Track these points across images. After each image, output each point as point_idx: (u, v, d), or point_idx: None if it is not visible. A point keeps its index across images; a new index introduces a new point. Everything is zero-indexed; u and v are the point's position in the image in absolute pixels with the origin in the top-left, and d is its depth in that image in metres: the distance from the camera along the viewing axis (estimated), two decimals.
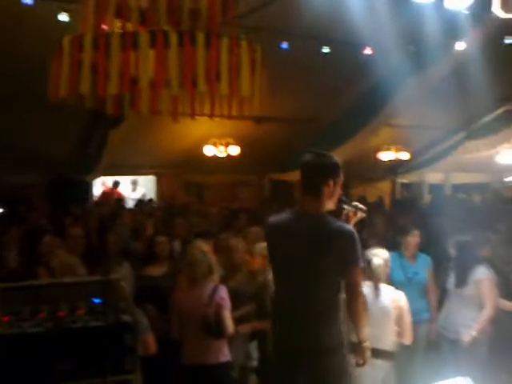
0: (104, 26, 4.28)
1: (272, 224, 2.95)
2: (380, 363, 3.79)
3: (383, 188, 13.71)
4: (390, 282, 4.68)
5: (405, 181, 14.30)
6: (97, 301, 2.96)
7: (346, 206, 2.90)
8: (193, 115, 5.50)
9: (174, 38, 3.94)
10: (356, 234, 2.70)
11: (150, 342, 3.58)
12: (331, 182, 2.77)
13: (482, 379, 4.01)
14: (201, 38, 3.98)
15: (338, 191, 2.84)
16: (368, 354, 2.84)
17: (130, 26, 4.25)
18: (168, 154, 10.11)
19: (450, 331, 4.51)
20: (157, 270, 4.70)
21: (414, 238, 4.77)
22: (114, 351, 2.43)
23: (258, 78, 4.43)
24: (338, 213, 2.90)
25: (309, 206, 2.79)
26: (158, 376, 3.89)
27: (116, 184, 11.43)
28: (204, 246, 4.19)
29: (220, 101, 5.02)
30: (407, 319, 3.81)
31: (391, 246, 5.05)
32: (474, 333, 4.33)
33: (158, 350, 3.67)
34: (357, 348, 2.82)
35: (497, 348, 4.55)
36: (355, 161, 11.10)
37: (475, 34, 6.39)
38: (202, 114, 6.55)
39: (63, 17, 5.85)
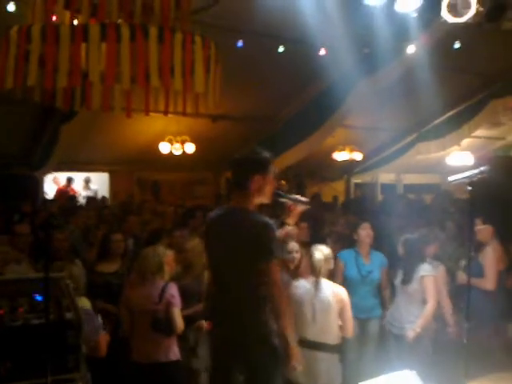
0: (54, 17, 4.17)
1: (207, 221, 3.04)
2: (323, 356, 3.86)
3: (338, 187, 13.94)
4: (345, 278, 4.81)
5: (358, 181, 14.58)
6: (39, 298, 2.88)
7: (282, 199, 2.94)
8: (147, 112, 5.42)
9: (125, 32, 3.88)
10: (273, 226, 2.76)
11: (101, 344, 3.54)
12: (258, 177, 2.84)
13: (426, 374, 4.15)
14: (153, 32, 3.93)
15: (270, 186, 2.91)
16: (298, 356, 2.90)
17: (80, 18, 4.16)
18: (122, 150, 9.95)
19: (396, 327, 4.62)
20: (111, 267, 4.68)
21: (365, 231, 4.85)
22: (56, 349, 2.36)
23: (213, 75, 4.42)
24: (274, 206, 2.94)
25: (237, 201, 2.88)
26: (107, 374, 3.83)
27: (70, 181, 11.18)
28: (161, 249, 4.14)
29: (175, 97, 4.98)
30: (348, 313, 3.88)
31: (349, 244, 5.16)
32: (417, 329, 4.46)
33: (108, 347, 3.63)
34: (287, 352, 2.86)
35: (441, 344, 4.71)
36: (311, 160, 11.26)
37: (425, 37, 6.57)
38: (157, 111, 6.49)
39: (11, 7, 5.65)
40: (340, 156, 12.23)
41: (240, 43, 6.49)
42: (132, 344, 3.86)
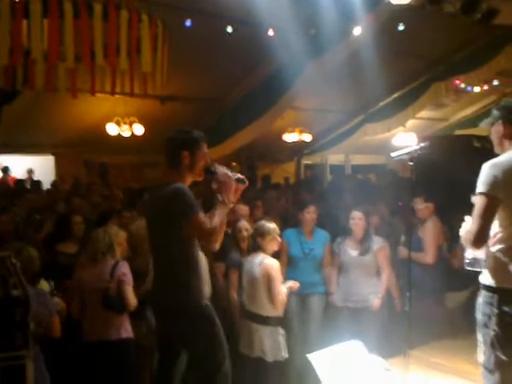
0: None
1: (143, 201, 3.19)
2: (257, 327, 3.97)
3: (288, 169, 14.10)
4: (289, 256, 4.93)
5: (308, 162, 14.80)
6: None
7: (214, 174, 2.99)
8: (93, 92, 5.33)
9: (68, 8, 3.80)
10: (181, 189, 2.85)
11: (55, 325, 3.55)
12: (187, 154, 2.95)
13: (373, 344, 4.34)
14: (98, 9, 3.87)
15: (200, 163, 3.02)
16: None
17: None
18: (68, 132, 9.68)
19: (354, 301, 4.76)
20: (72, 248, 4.67)
21: (310, 214, 4.97)
22: (4, 327, 2.35)
23: (160, 55, 4.41)
24: (208, 183, 3.02)
25: (168, 177, 2.98)
26: (58, 355, 3.81)
27: (6, 170, 10.77)
28: (114, 229, 4.14)
29: (121, 77, 4.91)
30: (276, 287, 3.91)
31: (294, 223, 5.28)
32: (379, 297, 4.66)
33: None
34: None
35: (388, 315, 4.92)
36: (261, 142, 11.33)
37: (370, 19, 6.71)
38: (103, 91, 6.37)
39: None
40: (290, 137, 12.35)
41: (188, 23, 6.41)
42: (83, 324, 3.87)
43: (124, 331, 3.85)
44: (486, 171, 2.63)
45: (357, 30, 7.09)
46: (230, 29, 6.86)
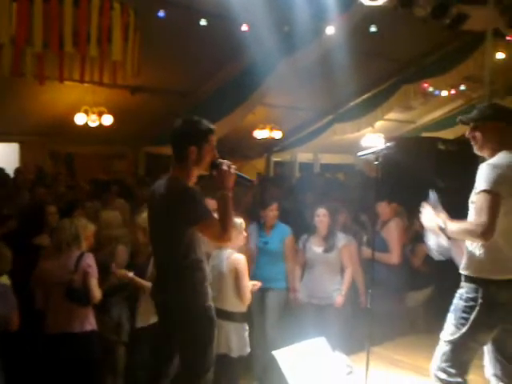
0: None
1: (149, 192, 3.04)
2: (222, 323, 3.97)
3: (258, 165, 14.11)
4: (250, 250, 4.95)
5: (278, 159, 14.85)
6: None
7: (219, 168, 2.88)
8: (61, 79, 5.21)
9: None
10: (193, 192, 2.77)
11: (14, 320, 3.51)
12: (194, 149, 2.82)
13: (337, 341, 4.40)
14: None
15: (208, 157, 2.88)
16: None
17: None
18: (34, 120, 9.43)
19: (318, 297, 4.80)
20: (48, 240, 4.53)
21: (271, 212, 5.01)
22: None
23: (131, 44, 4.35)
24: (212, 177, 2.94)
25: (174, 172, 2.87)
26: (20, 347, 3.75)
27: None
28: (82, 221, 4.06)
29: (91, 65, 4.82)
30: (243, 282, 3.92)
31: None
32: (343, 293, 4.72)
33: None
34: None
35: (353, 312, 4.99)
36: (231, 138, 11.29)
37: (343, 19, 6.77)
38: (72, 79, 6.24)
39: None
40: (260, 134, 12.36)
41: (161, 13, 6.33)
42: (46, 316, 3.81)
43: (88, 324, 3.80)
44: (488, 171, 2.70)
45: (330, 30, 7.14)
46: (203, 22, 6.81)
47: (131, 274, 4.06)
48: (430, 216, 2.90)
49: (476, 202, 2.71)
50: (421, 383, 4.24)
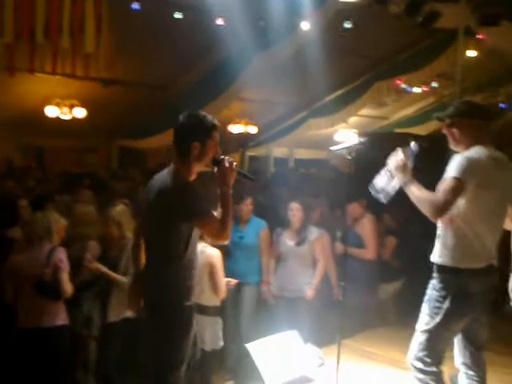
0: None
1: (146, 185, 2.98)
2: (197, 317, 3.99)
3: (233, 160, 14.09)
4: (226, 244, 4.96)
5: (253, 154, 14.87)
6: None
7: (220, 165, 2.83)
8: (32, 70, 5.12)
9: None
10: (191, 188, 2.74)
11: None
12: (197, 145, 2.77)
13: (308, 334, 4.45)
14: None
15: (210, 154, 2.82)
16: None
17: None
18: (3, 113, 9.19)
19: (290, 290, 4.81)
20: (20, 233, 4.46)
21: (246, 206, 5.02)
22: None
23: (105, 36, 4.29)
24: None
25: (176, 166, 2.82)
26: None
27: None
28: (54, 215, 4.02)
29: (63, 58, 4.75)
30: (218, 276, 3.91)
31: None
32: (313, 287, 4.76)
33: None
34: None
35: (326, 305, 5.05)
36: None
37: (318, 15, 6.81)
38: (43, 71, 6.14)
39: None
40: (235, 129, 12.35)
41: (135, 6, 6.26)
42: (16, 310, 3.76)
43: (59, 318, 3.77)
44: (460, 161, 2.77)
45: (305, 25, 7.18)
46: (178, 15, 6.76)
47: (104, 269, 4.04)
48: (399, 162, 2.92)
49: (441, 184, 2.78)
50: (391, 375, 4.33)
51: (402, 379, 4.12)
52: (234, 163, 2.84)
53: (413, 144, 2.97)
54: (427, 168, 3.19)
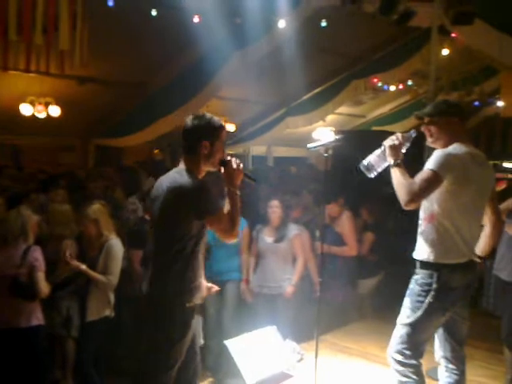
0: None
1: (155, 183, 2.99)
2: None
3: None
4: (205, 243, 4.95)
5: (231, 152, 14.86)
6: None
7: (226, 165, 2.88)
8: (5, 68, 5.04)
9: None
10: (204, 186, 2.78)
11: None
12: (206, 144, 2.82)
13: (288, 330, 4.48)
14: None
15: (218, 154, 2.87)
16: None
17: None
18: None
19: (269, 287, 4.84)
20: None
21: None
22: None
23: (80, 33, 4.26)
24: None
25: (186, 165, 2.85)
26: None
27: None
28: (28, 212, 3.96)
29: (37, 55, 4.69)
30: None
31: None
32: (293, 283, 4.79)
33: None
34: None
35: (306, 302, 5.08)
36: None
37: (295, 13, 6.84)
38: (17, 69, 6.04)
39: None
40: None
41: (111, 2, 6.19)
42: None
43: (35, 318, 3.73)
44: (440, 156, 2.84)
45: (281, 23, 7.19)
46: (154, 12, 6.71)
47: (84, 267, 4.00)
48: (396, 142, 2.98)
49: (418, 174, 2.84)
50: (368, 368, 4.39)
51: (379, 372, 4.20)
52: (241, 164, 2.90)
53: (413, 131, 3.04)
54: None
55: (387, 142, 3.01)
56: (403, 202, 2.82)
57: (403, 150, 2.99)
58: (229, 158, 2.90)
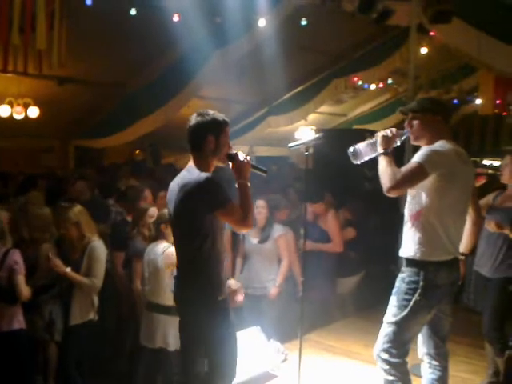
0: None
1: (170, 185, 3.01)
2: (159, 317, 3.97)
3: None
4: None
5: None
6: None
7: (234, 159, 2.91)
8: None
9: None
10: (211, 180, 2.78)
11: None
12: (212, 139, 2.86)
13: (272, 329, 4.48)
14: None
15: (224, 148, 2.92)
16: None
17: None
18: None
19: (254, 288, 4.83)
20: None
21: None
22: None
23: (57, 33, 4.20)
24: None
25: (194, 162, 2.89)
26: None
27: None
28: (3, 213, 3.90)
29: (14, 55, 4.61)
30: None
31: None
32: (277, 284, 4.79)
33: None
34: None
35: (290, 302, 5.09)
36: (165, 130, 11.15)
37: (275, 12, 6.83)
38: None
39: None
40: None
41: (89, 1, 6.11)
42: None
43: (16, 322, 3.68)
44: (428, 151, 2.87)
45: (261, 22, 7.19)
46: (133, 11, 6.65)
47: (69, 269, 3.95)
48: (389, 134, 3.00)
49: (404, 166, 2.87)
50: (351, 366, 4.41)
51: (362, 370, 4.22)
52: (248, 157, 2.93)
53: (406, 130, 3.06)
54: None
55: (381, 133, 3.03)
56: (385, 188, 2.85)
57: (396, 144, 3.02)
58: (235, 151, 2.95)
